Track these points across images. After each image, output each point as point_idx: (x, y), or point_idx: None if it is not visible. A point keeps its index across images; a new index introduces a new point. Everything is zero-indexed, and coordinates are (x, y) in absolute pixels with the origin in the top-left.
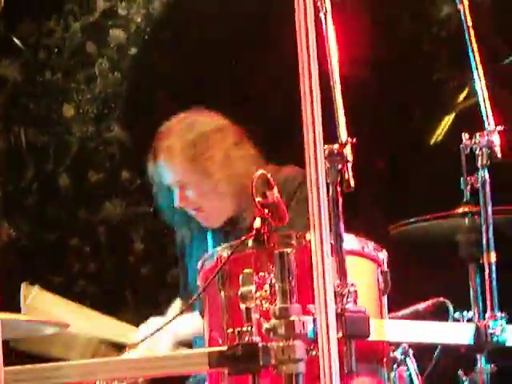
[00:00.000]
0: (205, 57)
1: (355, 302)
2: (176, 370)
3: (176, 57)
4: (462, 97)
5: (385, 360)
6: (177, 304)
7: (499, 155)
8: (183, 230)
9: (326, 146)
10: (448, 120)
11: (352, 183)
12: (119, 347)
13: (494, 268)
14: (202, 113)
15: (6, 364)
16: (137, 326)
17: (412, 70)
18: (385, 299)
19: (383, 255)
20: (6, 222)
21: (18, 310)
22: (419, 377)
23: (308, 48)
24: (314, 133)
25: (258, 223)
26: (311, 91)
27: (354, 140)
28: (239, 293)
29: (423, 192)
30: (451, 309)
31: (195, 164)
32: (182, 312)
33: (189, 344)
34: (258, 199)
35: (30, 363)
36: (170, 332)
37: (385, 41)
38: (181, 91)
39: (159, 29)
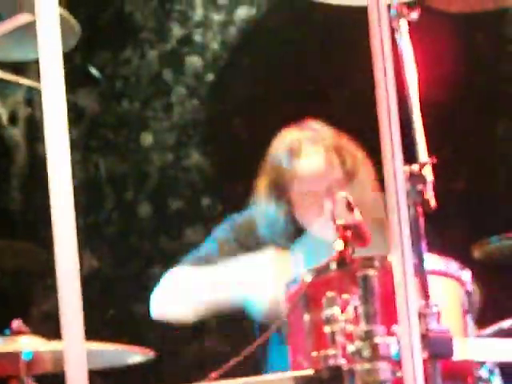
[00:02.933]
0: (282, 82)
1: (439, 322)
2: None
3: (253, 82)
4: None
5: (470, 379)
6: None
7: None
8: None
9: (405, 166)
10: None
11: (433, 203)
12: None
13: None
14: None
15: None
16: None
17: (491, 86)
18: (469, 319)
19: (467, 275)
20: (88, 253)
21: (100, 339)
22: None
23: (385, 69)
24: (393, 153)
25: (340, 246)
26: (389, 110)
27: (435, 160)
28: (323, 316)
29: (506, 209)
30: None
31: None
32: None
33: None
34: (339, 221)
35: None
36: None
37: (461, 58)
38: (259, 115)
39: (236, 55)
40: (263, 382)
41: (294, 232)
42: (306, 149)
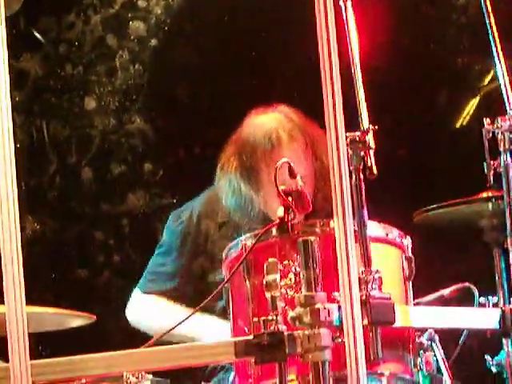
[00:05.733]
0: (226, 47)
1: (380, 288)
2: (202, 360)
3: (196, 47)
4: (486, 80)
5: (411, 346)
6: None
7: None
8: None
9: (348, 133)
10: (473, 103)
11: (375, 170)
12: None
13: None
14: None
15: (32, 357)
16: None
17: (434, 56)
18: (410, 285)
19: (407, 241)
20: (30, 217)
21: (42, 303)
22: (446, 362)
23: (328, 36)
24: (336, 120)
25: (281, 212)
26: (332, 79)
27: (377, 127)
28: (264, 281)
29: (447, 177)
30: (476, 294)
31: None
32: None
33: None
34: (281, 187)
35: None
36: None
37: (405, 27)
38: (201, 82)
39: (179, 20)
40: (204, 347)
41: (263, 220)
42: (285, 139)
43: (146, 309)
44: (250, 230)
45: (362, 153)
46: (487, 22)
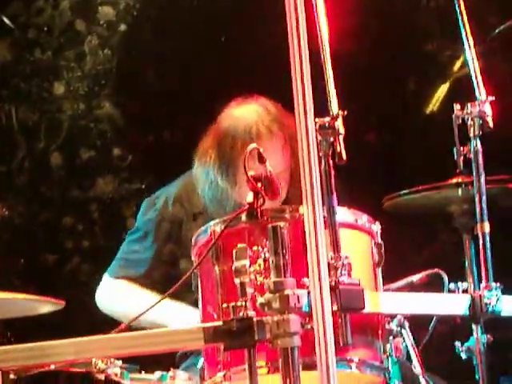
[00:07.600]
0: (194, 33)
1: (349, 274)
2: (172, 346)
3: (165, 32)
4: (457, 66)
5: (380, 332)
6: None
7: (491, 125)
8: None
9: (317, 119)
10: (443, 89)
11: (344, 156)
12: None
13: (487, 238)
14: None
15: (0, 343)
16: None
17: (404, 41)
18: (379, 271)
19: (377, 227)
20: None
21: (11, 289)
22: (415, 348)
23: (298, 21)
24: (305, 106)
25: (250, 197)
26: (301, 64)
27: (346, 113)
28: (233, 267)
29: (417, 163)
30: (446, 280)
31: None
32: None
33: None
34: (250, 173)
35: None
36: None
37: (374, 12)
38: (170, 67)
39: (148, 5)
40: (173, 333)
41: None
42: (265, 134)
43: (117, 294)
44: None
45: (332, 138)
46: (457, 7)
